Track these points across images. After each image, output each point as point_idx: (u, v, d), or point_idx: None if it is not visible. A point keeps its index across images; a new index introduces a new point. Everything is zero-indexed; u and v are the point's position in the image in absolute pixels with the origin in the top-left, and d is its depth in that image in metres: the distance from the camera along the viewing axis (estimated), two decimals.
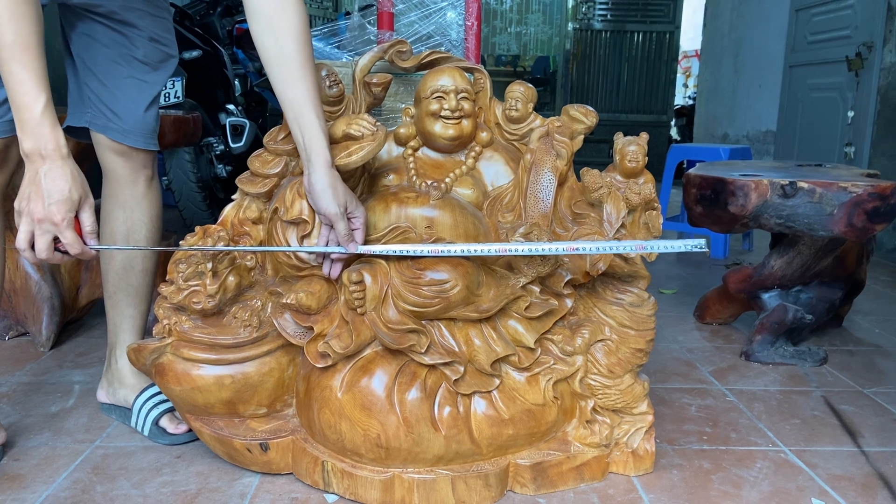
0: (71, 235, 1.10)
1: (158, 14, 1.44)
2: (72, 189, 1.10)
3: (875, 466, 1.40)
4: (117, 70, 1.42)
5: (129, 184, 1.48)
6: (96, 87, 1.43)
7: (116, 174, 1.48)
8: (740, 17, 5.48)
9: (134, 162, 1.47)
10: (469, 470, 1.23)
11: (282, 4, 1.17)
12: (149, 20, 1.42)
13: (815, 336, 2.19)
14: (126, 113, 1.43)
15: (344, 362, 1.22)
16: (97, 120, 1.43)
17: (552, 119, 1.37)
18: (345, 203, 1.17)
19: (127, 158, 1.46)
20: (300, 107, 1.19)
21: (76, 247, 1.11)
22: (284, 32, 1.17)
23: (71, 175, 1.11)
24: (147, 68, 1.44)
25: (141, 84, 1.44)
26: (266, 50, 1.19)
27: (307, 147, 1.18)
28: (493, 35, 9.80)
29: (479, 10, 1.63)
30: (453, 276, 1.17)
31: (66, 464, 1.34)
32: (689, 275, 3.04)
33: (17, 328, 2.02)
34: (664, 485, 1.31)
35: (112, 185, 1.49)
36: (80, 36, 1.41)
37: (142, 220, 1.50)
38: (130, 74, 1.43)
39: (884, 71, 3.62)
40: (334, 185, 1.17)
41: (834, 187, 1.77)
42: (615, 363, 1.29)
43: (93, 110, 1.44)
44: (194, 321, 1.27)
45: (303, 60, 1.18)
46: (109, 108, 1.42)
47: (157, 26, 1.44)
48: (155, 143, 1.49)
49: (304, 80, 1.18)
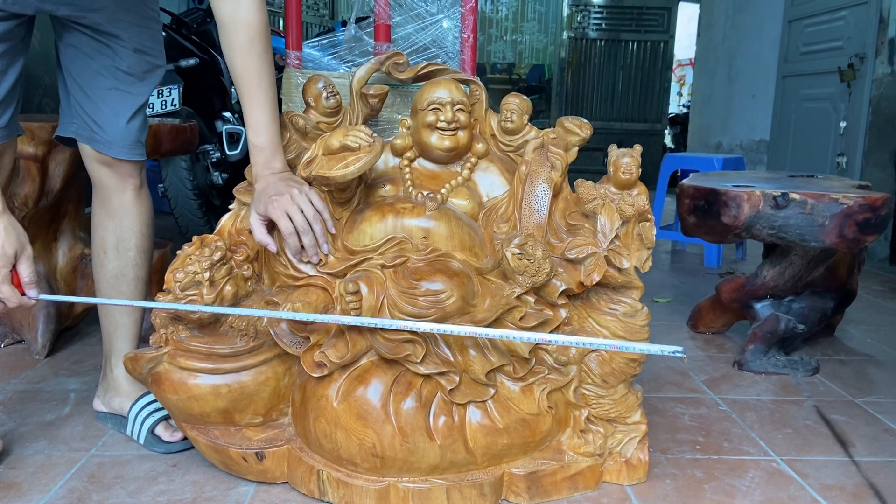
0: (7, 289, 1.16)
1: (145, 25, 1.44)
2: (5, 245, 1.14)
3: (866, 476, 1.42)
4: (101, 81, 1.42)
5: (117, 193, 1.49)
6: (81, 98, 1.43)
7: (104, 184, 1.49)
8: (734, 27, 5.52)
9: (120, 172, 1.47)
10: (464, 479, 1.24)
11: None
12: (134, 31, 1.42)
13: (808, 346, 2.21)
14: (108, 124, 1.43)
15: (340, 372, 1.23)
16: (82, 131, 1.45)
17: (547, 131, 1.39)
18: None
19: (112, 168, 1.47)
20: (250, 78, 1.29)
21: (13, 300, 1.17)
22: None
23: (5, 230, 1.14)
24: (132, 79, 1.44)
25: (125, 95, 1.44)
26: (223, 15, 1.28)
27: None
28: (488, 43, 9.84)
29: (475, 22, 1.65)
30: (449, 287, 1.18)
31: (62, 472, 1.34)
32: (683, 284, 3.05)
33: (13, 336, 2.02)
34: (657, 494, 1.32)
35: (101, 194, 1.50)
36: (67, 47, 1.42)
37: (131, 228, 1.50)
38: (114, 86, 1.43)
39: (875, 82, 3.66)
40: None
41: (825, 199, 1.79)
42: (609, 373, 1.30)
43: (78, 121, 1.45)
44: (191, 330, 1.28)
45: (259, 28, 1.28)
46: (93, 119, 1.43)
47: (143, 36, 1.44)
48: (141, 152, 1.48)
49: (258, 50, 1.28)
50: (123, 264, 1.50)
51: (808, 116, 4.31)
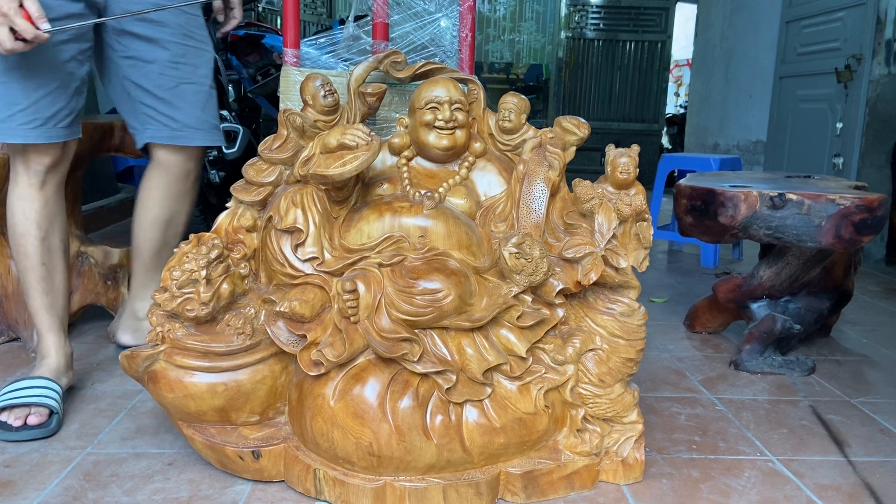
0: (22, 22, 1.30)
1: (189, 21, 1.63)
2: None
3: (861, 476, 1.42)
4: (165, 81, 1.60)
5: (182, 178, 1.70)
6: (152, 102, 1.62)
7: (172, 171, 1.69)
8: (731, 27, 5.53)
9: (190, 156, 1.68)
10: (460, 478, 1.24)
11: None
12: (182, 17, 1.60)
13: (804, 346, 2.21)
14: (186, 116, 1.63)
15: (336, 370, 1.23)
16: (159, 133, 1.64)
17: (545, 130, 1.39)
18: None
19: (183, 155, 1.68)
20: None
21: (29, 31, 1.31)
22: None
23: None
24: (190, 68, 1.62)
25: (190, 86, 1.62)
26: None
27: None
28: (486, 43, 9.84)
29: (473, 21, 1.64)
30: (446, 286, 1.18)
31: (57, 470, 1.34)
32: (680, 283, 3.06)
33: (9, 333, 2.01)
34: (653, 493, 1.32)
35: (163, 178, 1.70)
36: (124, 59, 1.61)
37: (184, 210, 1.75)
38: (179, 81, 1.61)
39: (872, 83, 3.66)
40: None
41: (822, 199, 1.79)
42: (606, 372, 1.30)
43: (154, 125, 1.64)
44: (188, 329, 1.28)
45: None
46: (169, 117, 1.62)
47: (188, 22, 1.62)
48: (219, 136, 1.69)
49: None
50: (171, 236, 1.75)
51: (804, 117, 4.32)
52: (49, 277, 1.60)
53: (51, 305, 1.61)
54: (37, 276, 1.58)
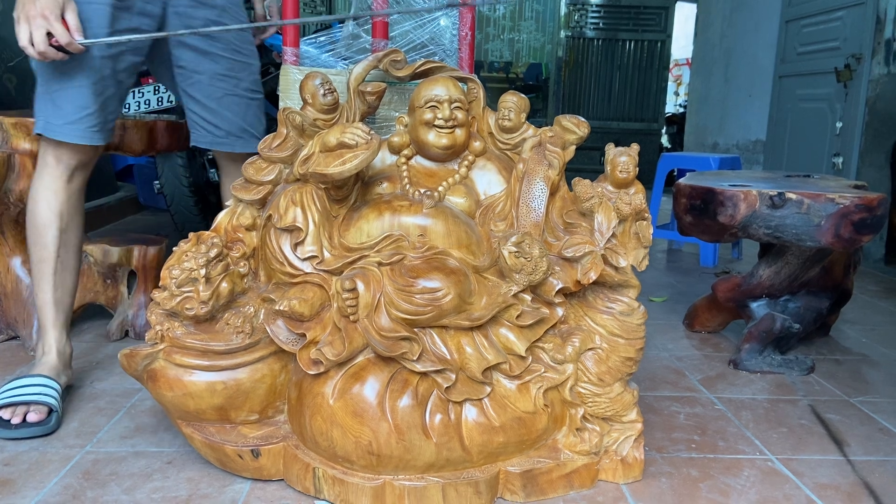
0: (59, 28, 1.37)
1: (237, 37, 1.72)
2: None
3: (861, 475, 1.42)
4: (213, 91, 1.69)
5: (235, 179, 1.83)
6: (199, 111, 1.72)
7: (229, 173, 1.80)
8: (731, 27, 5.52)
9: (239, 161, 1.74)
10: (459, 477, 1.24)
11: None
12: (234, 34, 1.70)
13: (803, 345, 2.21)
14: (230, 125, 1.73)
15: (336, 369, 1.23)
16: (202, 138, 1.75)
17: (544, 129, 1.39)
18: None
19: (234, 160, 1.77)
20: None
21: (65, 37, 1.38)
22: None
23: None
24: (235, 80, 1.71)
25: (235, 98, 1.72)
26: None
27: None
28: (486, 42, 9.83)
29: (472, 20, 1.64)
30: (446, 285, 1.18)
31: (56, 469, 1.34)
32: (679, 283, 3.06)
33: (8, 332, 2.01)
34: (653, 493, 1.32)
35: (227, 180, 1.84)
36: (172, 68, 1.70)
37: None
38: (225, 92, 1.70)
39: (872, 82, 3.66)
40: None
41: (822, 199, 1.79)
42: (605, 371, 1.30)
43: (198, 131, 1.74)
44: (187, 327, 1.28)
45: None
46: (214, 125, 1.73)
47: (236, 37, 1.71)
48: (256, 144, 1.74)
49: None
50: None
51: (804, 116, 4.32)
52: (62, 272, 1.62)
53: (59, 301, 1.63)
54: (51, 269, 1.60)
